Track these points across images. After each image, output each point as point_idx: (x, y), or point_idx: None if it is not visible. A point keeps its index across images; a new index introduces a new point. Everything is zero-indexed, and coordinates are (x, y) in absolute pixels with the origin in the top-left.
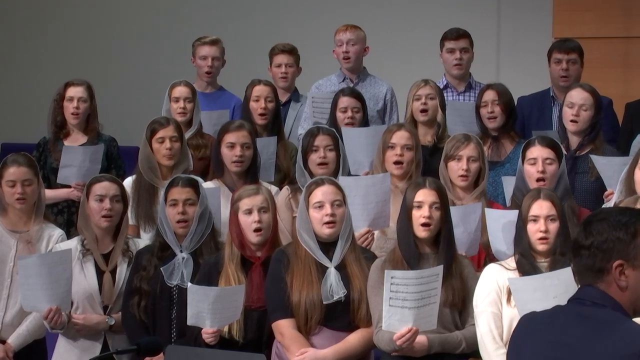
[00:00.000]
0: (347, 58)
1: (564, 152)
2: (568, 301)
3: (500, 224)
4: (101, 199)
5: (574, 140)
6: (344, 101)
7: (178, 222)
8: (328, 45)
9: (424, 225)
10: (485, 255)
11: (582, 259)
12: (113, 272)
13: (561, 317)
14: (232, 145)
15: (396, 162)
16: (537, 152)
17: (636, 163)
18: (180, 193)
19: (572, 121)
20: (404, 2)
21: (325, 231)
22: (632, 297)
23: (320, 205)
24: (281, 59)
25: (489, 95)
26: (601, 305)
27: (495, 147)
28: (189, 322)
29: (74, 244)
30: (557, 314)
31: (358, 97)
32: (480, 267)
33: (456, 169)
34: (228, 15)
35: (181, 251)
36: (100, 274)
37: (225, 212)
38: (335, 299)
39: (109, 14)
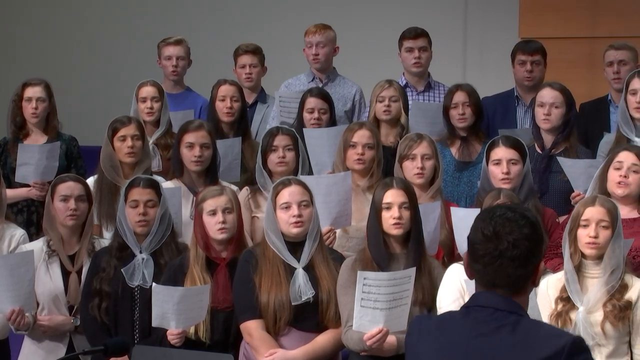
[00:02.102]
0: (316, 60)
1: (539, 151)
2: (466, 307)
3: (466, 223)
4: (66, 198)
5: (548, 139)
6: (311, 102)
7: (138, 222)
8: (297, 44)
9: (395, 224)
10: (443, 254)
11: (503, 264)
12: (79, 272)
13: (465, 326)
14: (191, 145)
15: (357, 161)
16: (502, 153)
17: (610, 162)
18: (141, 194)
19: (544, 120)
20: (372, 1)
21: (293, 231)
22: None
23: (287, 206)
24: (245, 59)
25: (460, 97)
26: (508, 312)
27: (465, 148)
28: (154, 323)
29: (39, 244)
30: (456, 322)
31: (325, 98)
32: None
33: (411, 168)
34: (195, 15)
35: (140, 252)
36: (66, 274)
37: (184, 212)
38: (303, 299)
39: (71, 12)
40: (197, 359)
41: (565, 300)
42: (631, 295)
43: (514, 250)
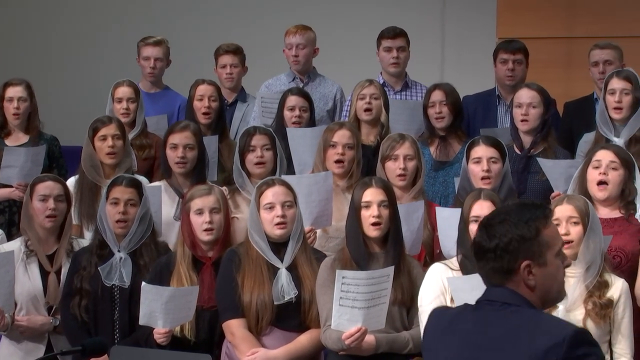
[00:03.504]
0: (296, 62)
1: (517, 152)
2: (477, 302)
3: (450, 222)
4: (45, 198)
5: (527, 140)
6: (292, 100)
7: (117, 221)
8: (277, 44)
9: (374, 224)
10: (425, 254)
11: (488, 262)
12: (58, 272)
13: (478, 318)
14: (175, 147)
15: (337, 161)
16: (482, 151)
17: (589, 162)
18: (122, 192)
19: (522, 121)
20: (351, 1)
21: (276, 232)
22: (540, 294)
23: (271, 207)
24: (226, 59)
25: (437, 96)
26: (515, 305)
27: (444, 147)
28: (141, 321)
29: (17, 245)
30: (470, 315)
31: (306, 97)
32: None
33: (393, 169)
34: (175, 14)
35: (119, 251)
36: (44, 274)
37: (169, 212)
38: (286, 299)
39: (52, 12)
40: (176, 359)
41: None
42: (612, 293)
43: (491, 242)
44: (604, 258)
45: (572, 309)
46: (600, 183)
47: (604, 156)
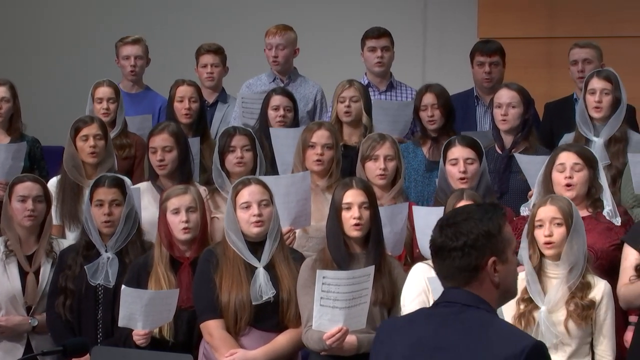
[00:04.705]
0: (275, 62)
1: (499, 151)
2: (435, 304)
3: (427, 221)
4: (24, 199)
5: (508, 140)
6: (277, 100)
7: (104, 222)
8: (258, 44)
9: (355, 225)
10: (405, 254)
11: (454, 261)
12: (37, 272)
13: (432, 322)
14: (155, 150)
15: (317, 161)
16: (458, 152)
17: (553, 164)
18: (106, 194)
19: (502, 121)
20: (332, 1)
21: (253, 231)
22: (502, 292)
23: (248, 206)
24: (207, 59)
25: (428, 99)
26: (475, 307)
27: (436, 148)
28: (120, 323)
29: None
30: (424, 319)
31: (290, 96)
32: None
33: (373, 169)
34: (156, 14)
35: (106, 251)
36: (23, 274)
37: (155, 212)
38: (264, 299)
39: (33, 13)
40: (157, 359)
41: (527, 300)
42: (594, 294)
43: (458, 240)
44: (586, 259)
45: (555, 310)
46: (566, 185)
47: (567, 158)
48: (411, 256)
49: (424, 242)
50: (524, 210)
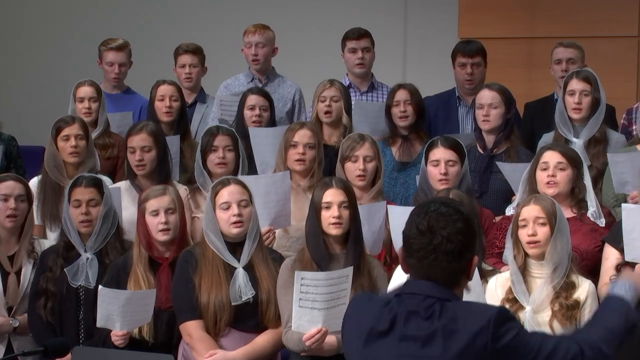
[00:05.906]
0: (255, 61)
1: (480, 151)
2: (398, 295)
3: (403, 221)
4: (5, 198)
5: (490, 140)
6: (252, 99)
7: (81, 222)
8: (236, 44)
9: (334, 224)
10: (385, 253)
11: (450, 263)
12: (18, 273)
13: (402, 313)
14: (133, 150)
15: (298, 161)
16: (440, 153)
17: (537, 163)
18: (83, 193)
19: (484, 121)
20: (311, 1)
21: (233, 231)
22: (466, 284)
23: (227, 206)
24: (185, 59)
25: (401, 95)
26: (445, 299)
27: (406, 148)
28: (99, 324)
29: None
30: (393, 311)
31: (266, 96)
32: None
33: (353, 169)
34: (135, 15)
35: (85, 251)
36: (4, 275)
37: (135, 212)
38: (243, 299)
39: (12, 12)
40: (138, 359)
41: (512, 300)
42: (579, 294)
43: (448, 244)
44: (570, 259)
45: (539, 310)
46: (548, 183)
47: (551, 157)
48: (391, 256)
49: (399, 241)
50: (509, 210)
